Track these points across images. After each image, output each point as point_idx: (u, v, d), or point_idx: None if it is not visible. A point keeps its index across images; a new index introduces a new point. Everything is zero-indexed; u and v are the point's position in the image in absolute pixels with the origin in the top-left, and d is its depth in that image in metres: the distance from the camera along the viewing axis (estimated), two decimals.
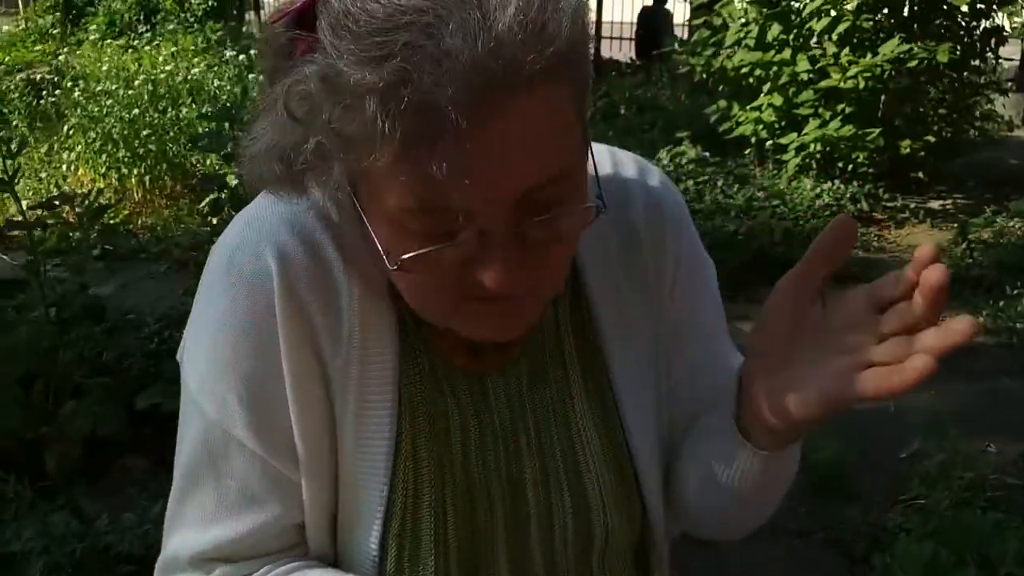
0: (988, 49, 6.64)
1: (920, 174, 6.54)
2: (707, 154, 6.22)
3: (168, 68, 6.51)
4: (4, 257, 3.28)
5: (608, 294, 0.92)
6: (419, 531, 0.86)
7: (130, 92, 6.10)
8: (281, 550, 0.88)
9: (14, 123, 6.56)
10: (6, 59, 9.91)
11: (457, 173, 0.63)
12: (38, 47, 10.58)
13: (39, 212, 2.88)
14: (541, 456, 0.91)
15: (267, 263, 0.80)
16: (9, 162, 2.73)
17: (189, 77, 6.72)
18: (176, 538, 0.88)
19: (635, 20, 11.91)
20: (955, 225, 5.53)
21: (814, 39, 6.29)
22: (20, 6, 15.03)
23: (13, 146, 2.87)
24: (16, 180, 2.75)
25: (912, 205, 6.06)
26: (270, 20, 0.70)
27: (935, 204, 6.25)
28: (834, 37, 6.14)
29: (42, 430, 2.69)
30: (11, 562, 2.32)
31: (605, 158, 0.94)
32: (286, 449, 0.83)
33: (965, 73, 6.59)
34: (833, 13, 6.10)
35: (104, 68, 6.73)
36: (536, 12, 0.63)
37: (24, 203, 2.82)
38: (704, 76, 6.91)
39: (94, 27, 10.76)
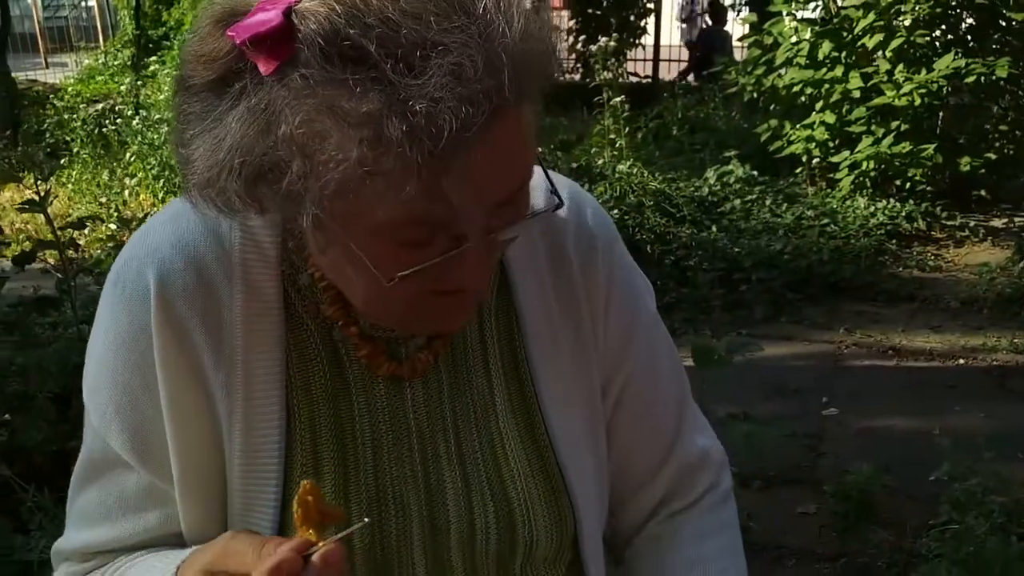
0: None
1: (982, 192, 6.31)
2: (755, 173, 6.11)
3: None
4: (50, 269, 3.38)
5: (537, 310, 0.93)
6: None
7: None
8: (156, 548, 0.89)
9: (75, 150, 6.82)
10: (83, 91, 10.35)
11: (462, 185, 0.66)
12: (115, 79, 11.02)
13: (71, 232, 2.96)
14: (462, 465, 0.90)
15: (147, 281, 0.82)
16: (41, 183, 2.82)
17: None
18: (67, 532, 0.92)
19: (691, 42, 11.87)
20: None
21: (868, 56, 6.15)
22: (100, 40, 15.68)
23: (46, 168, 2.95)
24: (49, 201, 2.83)
25: (972, 224, 5.84)
26: (225, 31, 0.67)
27: (997, 223, 6.01)
28: (888, 54, 5.99)
29: (69, 444, 2.75)
30: (29, 570, 2.37)
31: (540, 179, 0.95)
32: (161, 464, 0.85)
33: None
34: (887, 29, 5.95)
35: (163, 97, 6.97)
36: (538, 35, 0.68)
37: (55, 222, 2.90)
38: (755, 95, 6.80)
39: (168, 60, 11.16)
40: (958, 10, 5.97)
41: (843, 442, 3.31)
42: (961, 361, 4.04)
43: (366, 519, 0.73)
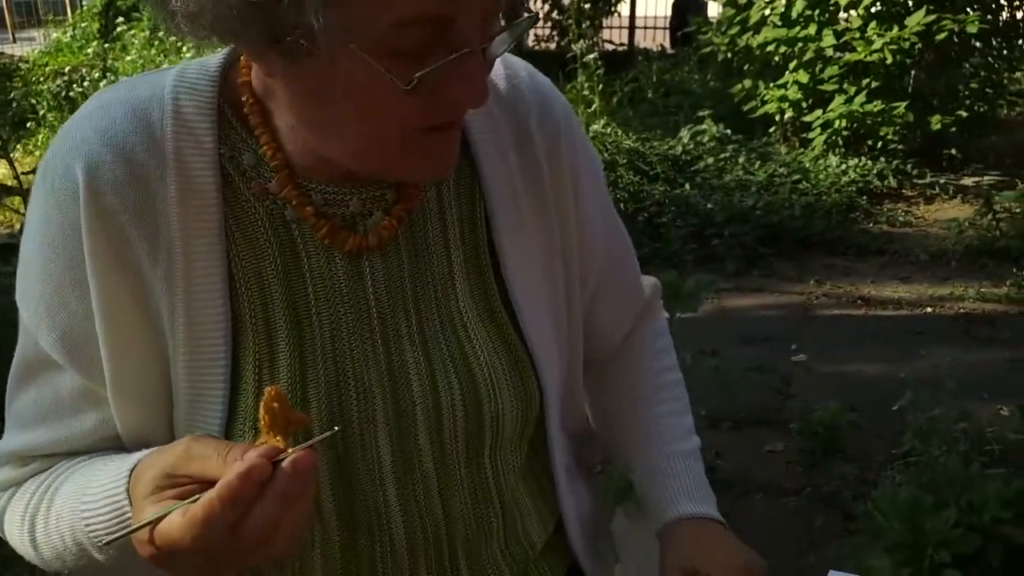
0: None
1: (953, 150, 6.36)
2: (728, 132, 6.12)
3: (189, 55, 6.63)
4: None
5: (502, 189, 0.92)
6: None
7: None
8: (99, 452, 0.87)
9: (41, 113, 6.72)
10: (51, 63, 10.18)
11: None
12: (83, 51, 10.84)
13: (33, 178, 2.92)
14: (424, 344, 0.89)
15: (75, 175, 0.79)
16: (4, 129, 2.78)
17: None
18: (6, 434, 0.88)
19: (669, 12, 11.83)
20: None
21: (840, 13, 6.16)
22: (69, 13, 15.42)
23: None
24: (11, 149, 2.79)
25: (942, 181, 5.89)
26: None
27: (968, 181, 6.06)
28: (860, 11, 6.01)
29: None
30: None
31: (497, 61, 0.94)
32: (93, 365, 0.82)
33: (998, 45, 6.39)
34: None
35: (130, 59, 6.87)
36: None
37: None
38: (729, 56, 6.81)
39: (135, 31, 11.02)
40: None
41: (811, 385, 3.35)
42: (928, 310, 4.09)
43: (336, 428, 0.71)
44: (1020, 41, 6.72)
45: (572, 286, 0.99)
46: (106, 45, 8.38)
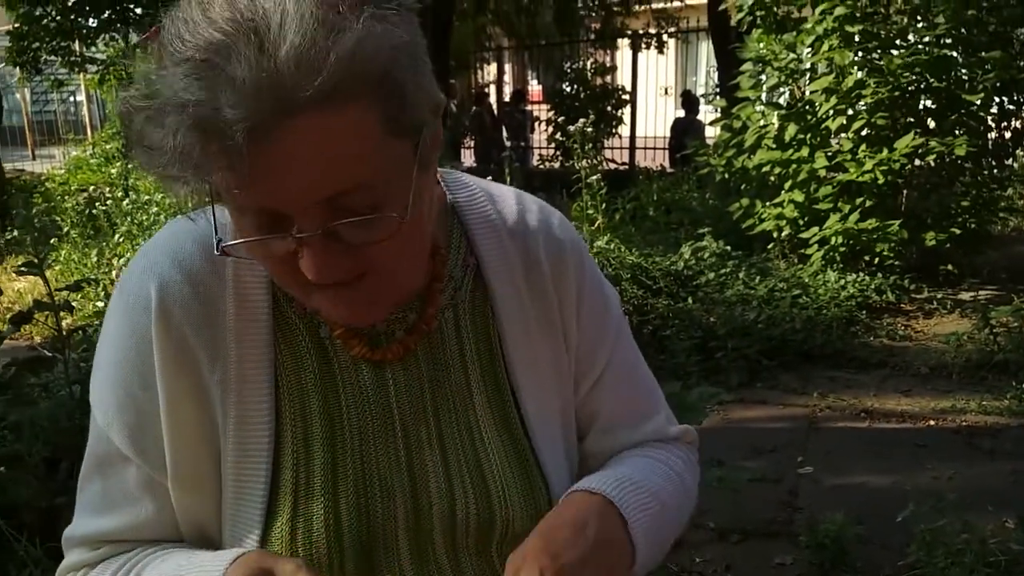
0: (1013, 147, 6.72)
1: (949, 266, 6.52)
2: (728, 248, 6.30)
3: None
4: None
5: (511, 307, 1.02)
6: (310, 523, 0.93)
7: (173, 199, 6.43)
8: (161, 540, 0.98)
9: (65, 230, 6.94)
10: (71, 180, 10.53)
11: (244, 184, 0.74)
12: (102, 169, 11.21)
13: (66, 294, 3.05)
14: (443, 450, 0.99)
15: (148, 292, 0.92)
16: (40, 248, 2.93)
17: None
18: (76, 520, 0.99)
19: (668, 133, 12.28)
20: None
21: (832, 137, 6.43)
22: (88, 133, 15.97)
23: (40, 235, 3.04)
24: (45, 266, 2.93)
25: (940, 296, 6.02)
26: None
27: (965, 295, 6.20)
28: (850, 135, 6.27)
29: (58, 500, 2.79)
30: None
31: (510, 198, 1.08)
32: (158, 458, 0.93)
33: (987, 164, 6.64)
34: (850, 112, 6.25)
35: (151, 179, 7.12)
36: (308, 47, 0.70)
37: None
38: (727, 176, 7.06)
39: None
40: (916, 94, 6.28)
41: (818, 498, 3.38)
42: (931, 422, 4.15)
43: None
44: (1009, 160, 6.99)
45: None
46: (128, 165, 8.68)
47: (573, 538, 0.87)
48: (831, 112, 6.26)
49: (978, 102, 6.20)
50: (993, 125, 6.61)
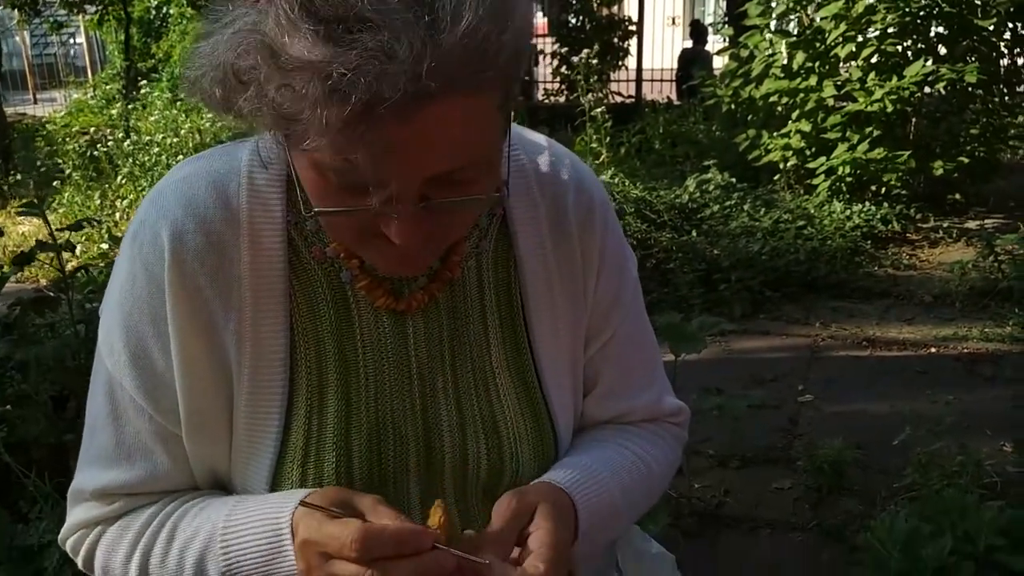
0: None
1: (956, 195, 6.47)
2: (734, 180, 6.25)
3: (211, 115, 6.82)
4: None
5: (535, 260, 1.01)
6: (321, 468, 0.94)
7: (176, 140, 6.43)
8: (176, 490, 0.98)
9: (67, 172, 6.94)
10: (72, 123, 10.48)
11: (376, 160, 0.72)
12: (104, 112, 11.16)
13: (68, 235, 3.06)
14: (458, 400, 0.99)
15: (162, 242, 0.91)
16: (42, 189, 2.93)
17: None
18: (84, 472, 0.98)
19: (676, 65, 12.09)
20: None
21: (840, 64, 6.32)
22: (89, 75, 15.84)
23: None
24: (47, 207, 2.93)
25: (946, 225, 5.99)
26: None
27: (971, 224, 6.16)
28: (859, 63, 6.17)
29: (66, 437, 2.84)
30: (30, 554, 2.45)
31: (543, 147, 1.06)
32: (171, 408, 0.93)
33: (999, 91, 6.53)
34: (859, 39, 6.13)
35: (153, 119, 7.12)
36: (483, 36, 0.68)
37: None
38: (733, 107, 6.97)
39: (157, 92, 11.37)
40: (927, 20, 6.15)
41: (818, 424, 3.42)
42: (933, 350, 4.16)
43: (487, 561, 0.80)
44: (1020, 87, 6.87)
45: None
46: (129, 106, 8.64)
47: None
48: (840, 39, 6.14)
49: (990, 27, 6.08)
50: (1005, 51, 6.48)
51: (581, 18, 12.28)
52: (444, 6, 0.67)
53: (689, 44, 12.08)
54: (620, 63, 11.99)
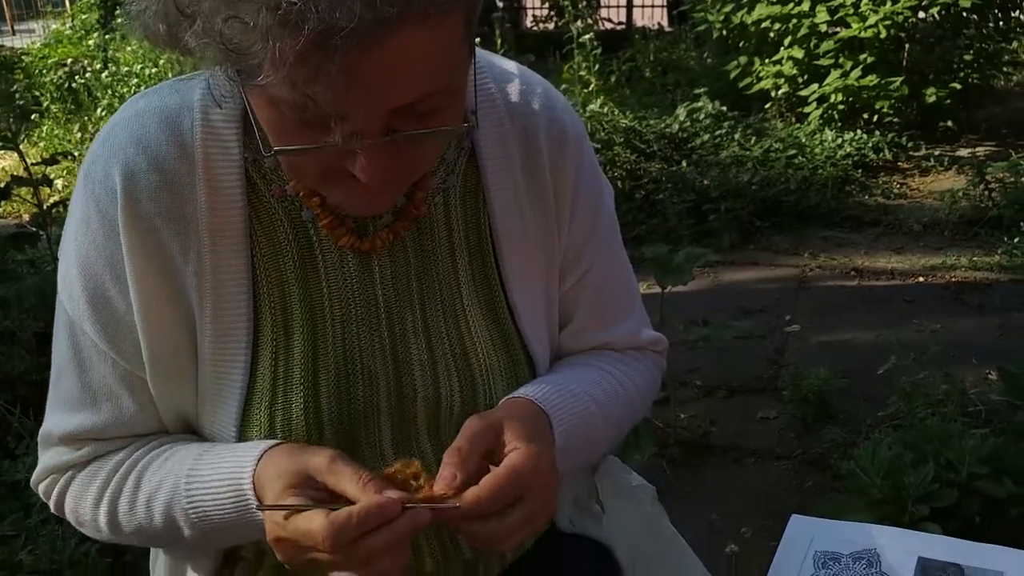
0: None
1: (948, 123, 6.40)
2: (724, 109, 6.16)
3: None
4: None
5: (505, 194, 0.98)
6: (289, 410, 0.92)
7: (155, 71, 6.29)
8: (145, 434, 0.96)
9: (45, 105, 6.80)
10: (50, 54, 10.22)
11: (337, 92, 0.67)
12: (83, 42, 10.88)
13: (44, 168, 3.01)
14: (428, 338, 0.97)
15: (113, 181, 0.87)
16: (14, 122, 2.86)
17: None
18: (51, 416, 0.96)
19: None
20: None
21: None
22: (67, 5, 15.43)
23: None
24: (21, 139, 2.87)
25: (937, 153, 5.93)
26: None
27: (963, 152, 6.11)
28: None
29: (49, 375, 2.83)
30: (17, 489, 2.46)
31: (513, 75, 1.01)
32: (133, 351, 0.90)
33: (993, 16, 6.41)
34: None
35: (130, 49, 6.95)
36: None
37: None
38: (724, 33, 6.83)
39: None
40: None
41: (804, 354, 3.42)
42: (921, 279, 4.16)
43: (457, 503, 0.79)
44: (1015, 12, 6.74)
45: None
46: (106, 36, 8.42)
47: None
48: None
49: None
50: None
51: None
52: None
53: None
54: None
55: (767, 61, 6.39)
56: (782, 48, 6.31)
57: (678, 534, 1.25)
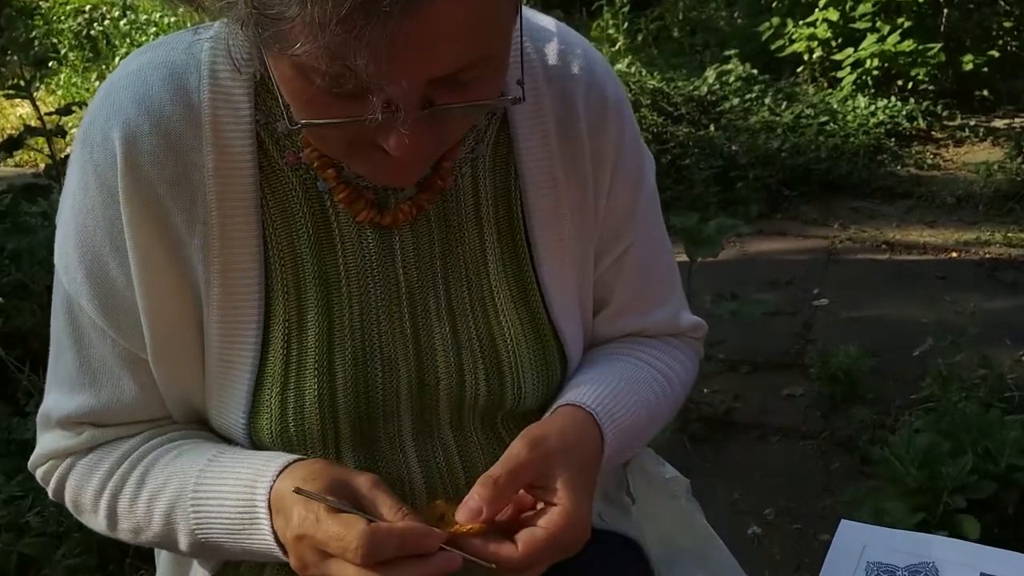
0: None
1: (984, 92, 6.21)
2: (755, 72, 6.00)
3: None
4: None
5: (539, 165, 0.90)
6: (302, 396, 0.85)
7: (174, 20, 6.19)
8: (148, 420, 0.89)
9: (63, 52, 6.72)
10: (72, 2, 10.12)
11: (379, 63, 0.61)
12: None
13: (58, 119, 2.93)
14: (452, 321, 0.90)
15: (112, 144, 0.79)
16: (32, 70, 2.78)
17: None
18: (50, 395, 0.90)
19: None
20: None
21: None
22: None
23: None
24: (35, 88, 2.79)
25: (973, 123, 5.77)
26: None
27: (999, 123, 5.93)
28: None
29: None
30: (26, 448, 2.42)
31: (552, 34, 0.93)
32: (135, 332, 0.83)
33: None
34: None
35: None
36: None
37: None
38: None
39: None
40: None
41: (832, 330, 3.33)
42: (954, 254, 4.04)
43: (493, 566, 0.74)
44: None
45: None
46: None
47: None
48: None
49: None
50: None
51: None
52: None
53: None
54: None
55: (800, 23, 6.22)
56: (816, 10, 6.13)
57: (713, 531, 1.17)
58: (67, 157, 2.97)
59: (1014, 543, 1.95)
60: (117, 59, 6.51)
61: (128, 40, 6.50)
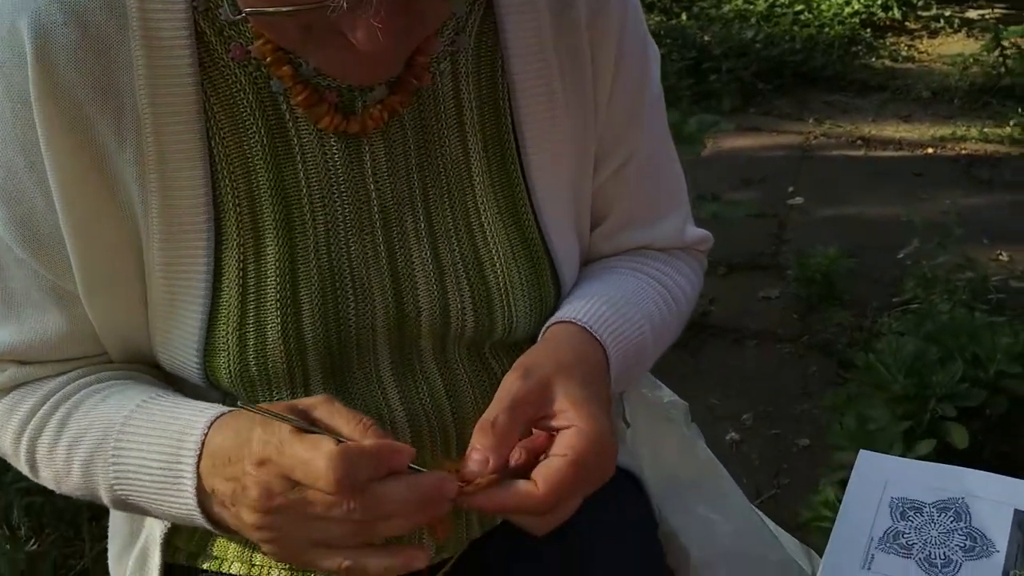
0: None
1: None
2: None
3: None
4: None
5: (531, 60, 0.78)
6: (264, 330, 0.73)
7: None
8: (79, 357, 0.78)
9: None
10: None
11: None
12: None
13: None
14: (433, 241, 0.78)
15: (21, 39, 0.66)
16: None
17: None
18: None
19: None
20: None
21: None
22: None
23: None
24: None
25: (948, 14, 5.62)
26: None
27: (974, 14, 5.79)
28: None
29: None
30: None
31: None
32: (57, 258, 0.71)
33: None
34: None
35: None
36: None
37: None
38: None
39: None
40: None
41: (808, 230, 3.26)
42: (930, 150, 3.97)
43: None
44: None
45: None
46: None
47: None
48: None
49: None
50: None
51: None
52: None
53: None
54: None
55: None
56: None
57: (715, 459, 1.10)
58: None
59: (999, 451, 1.94)
60: None
61: None
